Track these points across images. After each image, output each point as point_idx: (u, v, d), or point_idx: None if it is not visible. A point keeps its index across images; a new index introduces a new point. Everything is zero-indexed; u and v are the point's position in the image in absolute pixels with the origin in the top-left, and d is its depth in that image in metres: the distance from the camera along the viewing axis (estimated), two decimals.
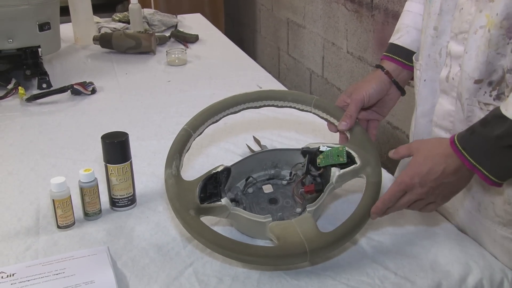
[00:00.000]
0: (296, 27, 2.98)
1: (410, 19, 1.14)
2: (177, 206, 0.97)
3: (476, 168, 0.85)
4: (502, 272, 0.98)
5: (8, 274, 0.94)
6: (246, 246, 0.92)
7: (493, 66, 0.89)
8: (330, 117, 1.13)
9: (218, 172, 1.03)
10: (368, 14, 2.24)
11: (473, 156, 0.85)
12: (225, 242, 0.92)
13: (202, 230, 0.94)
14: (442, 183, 0.89)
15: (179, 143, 1.06)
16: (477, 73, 0.91)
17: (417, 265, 0.98)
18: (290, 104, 1.15)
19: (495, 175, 0.84)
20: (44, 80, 1.82)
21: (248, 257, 0.92)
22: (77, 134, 1.52)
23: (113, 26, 2.43)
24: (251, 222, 0.99)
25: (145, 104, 1.72)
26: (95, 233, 1.08)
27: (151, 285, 0.93)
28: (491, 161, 0.84)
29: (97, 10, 2.51)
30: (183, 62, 2.10)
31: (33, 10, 1.78)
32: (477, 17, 0.89)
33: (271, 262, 0.94)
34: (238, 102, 1.14)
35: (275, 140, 1.45)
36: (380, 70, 1.14)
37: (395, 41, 1.15)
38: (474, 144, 0.85)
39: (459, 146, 0.86)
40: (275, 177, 1.16)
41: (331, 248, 0.94)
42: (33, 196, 1.21)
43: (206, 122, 1.11)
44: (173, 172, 1.02)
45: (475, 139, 0.85)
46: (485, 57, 0.89)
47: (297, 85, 3.04)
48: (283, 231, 0.95)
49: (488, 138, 0.83)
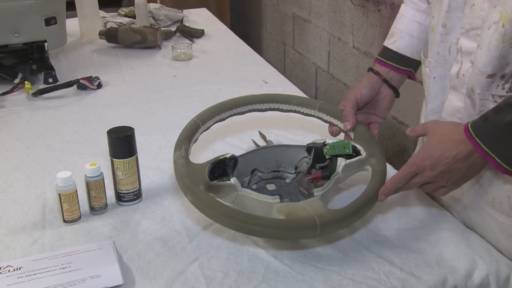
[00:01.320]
0: (302, 22, 2.97)
1: (404, 24, 1.17)
2: (187, 182, 0.97)
3: (489, 155, 0.86)
4: (509, 268, 0.98)
5: (14, 268, 0.94)
6: (257, 218, 0.92)
7: (506, 59, 0.89)
8: (334, 120, 1.15)
9: (226, 158, 1.05)
10: (374, 9, 2.23)
11: (486, 143, 0.85)
12: (236, 214, 0.92)
13: (213, 203, 0.93)
14: (453, 168, 0.90)
15: (188, 131, 1.08)
16: (490, 67, 0.91)
17: (422, 261, 0.98)
18: (295, 108, 1.18)
19: (507, 162, 0.85)
20: (50, 74, 1.83)
21: (259, 228, 0.91)
22: (83, 128, 1.52)
23: (119, 21, 2.43)
24: (258, 203, 0.99)
25: (150, 98, 1.73)
26: (101, 227, 1.08)
27: (157, 280, 0.94)
28: (503, 148, 0.85)
29: (103, 4, 2.51)
30: (189, 57, 2.10)
31: (40, 4, 1.78)
32: (491, 12, 0.89)
33: (281, 234, 0.93)
34: (244, 103, 1.16)
35: (281, 135, 1.45)
36: (371, 72, 1.17)
37: (389, 45, 1.18)
38: (487, 131, 0.86)
39: (472, 132, 0.87)
40: (278, 176, 1.16)
41: (340, 224, 0.94)
42: (39, 190, 1.21)
43: (214, 117, 1.12)
44: (182, 154, 1.02)
45: (488, 126, 0.86)
46: (499, 51, 0.89)
47: (303, 80, 3.03)
48: (292, 209, 0.95)
49: (500, 124, 0.84)
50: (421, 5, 1.14)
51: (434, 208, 1.13)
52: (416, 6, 1.15)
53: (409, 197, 1.17)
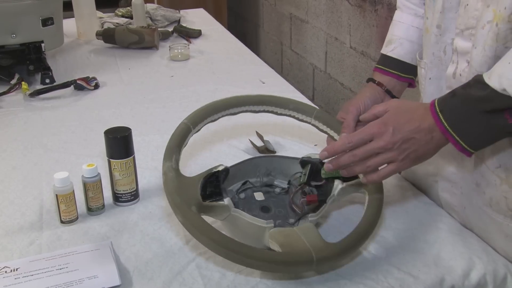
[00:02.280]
0: (299, 22, 2.97)
1: (402, 31, 1.15)
2: (178, 201, 0.91)
3: (448, 133, 0.85)
4: (506, 267, 0.98)
5: (12, 269, 0.94)
6: (251, 249, 0.87)
7: None
8: (330, 130, 1.10)
9: (219, 171, 1.01)
10: (371, 9, 2.23)
11: (448, 119, 0.84)
12: (230, 244, 0.87)
13: (205, 229, 0.88)
14: (413, 138, 0.87)
15: (178, 136, 1.02)
16: (486, 67, 0.90)
17: (420, 260, 0.98)
18: (290, 112, 1.12)
19: (467, 142, 0.84)
20: (47, 75, 1.82)
21: (252, 261, 0.86)
22: (80, 129, 1.52)
23: (116, 21, 2.43)
24: (250, 226, 0.95)
25: (148, 99, 1.72)
26: (98, 228, 1.08)
27: (154, 280, 0.94)
28: (465, 126, 0.84)
29: (100, 5, 2.51)
30: (186, 57, 2.10)
31: (36, 5, 1.78)
32: (485, 12, 0.89)
33: (276, 268, 0.89)
34: (238, 104, 1.10)
35: (278, 135, 1.45)
36: (372, 83, 1.16)
37: (389, 53, 1.16)
38: (452, 107, 0.85)
39: (437, 108, 0.86)
40: (267, 185, 1.12)
41: (338, 258, 0.91)
42: (36, 191, 1.21)
43: (205, 119, 1.07)
44: (173, 165, 0.96)
45: (454, 101, 0.85)
46: (493, 51, 0.89)
47: (300, 80, 3.03)
48: (287, 238, 0.91)
49: (467, 100, 0.83)
50: (419, 10, 1.13)
51: (431, 208, 1.14)
52: (413, 12, 1.14)
53: (407, 197, 1.17)
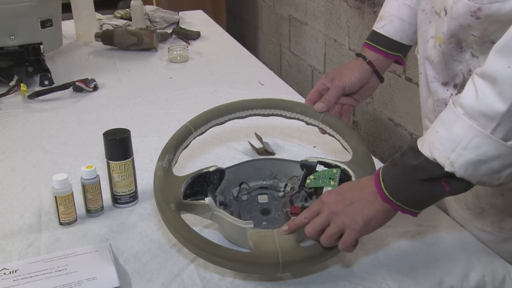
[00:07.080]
0: (297, 23, 2.98)
1: (395, 8, 1.13)
2: (159, 198, 0.96)
3: (389, 201, 0.83)
4: (504, 269, 0.98)
5: (10, 271, 0.94)
6: (218, 248, 0.89)
7: (454, 71, 0.90)
8: (336, 134, 1.10)
9: (209, 172, 1.02)
10: (370, 10, 2.24)
11: (388, 188, 0.83)
12: (198, 241, 0.89)
13: (178, 226, 0.91)
14: (357, 201, 0.85)
15: (176, 138, 1.06)
16: (441, 77, 0.91)
17: (419, 262, 0.98)
18: (298, 116, 1.13)
19: (410, 206, 0.83)
20: (46, 77, 1.82)
21: (219, 259, 0.88)
22: (79, 130, 1.52)
23: (115, 23, 2.43)
24: (232, 226, 0.96)
25: (146, 100, 1.72)
26: (97, 229, 1.08)
27: (153, 282, 0.93)
28: (405, 194, 0.82)
29: (99, 7, 2.51)
30: (185, 59, 2.10)
31: (35, 7, 1.78)
32: (428, 27, 0.91)
33: (241, 268, 0.90)
34: (246, 108, 1.12)
35: (277, 137, 1.45)
36: (362, 60, 1.14)
37: (379, 29, 1.15)
38: (393, 176, 0.83)
39: (380, 177, 0.84)
40: (272, 188, 1.13)
41: (306, 263, 0.90)
42: (35, 192, 1.21)
43: (210, 122, 1.09)
44: (163, 165, 1.01)
45: (395, 171, 0.83)
46: (444, 64, 0.90)
47: (299, 82, 3.04)
48: (260, 239, 0.91)
49: (404, 169, 0.81)
50: None
51: (430, 209, 1.13)
52: None
53: None
